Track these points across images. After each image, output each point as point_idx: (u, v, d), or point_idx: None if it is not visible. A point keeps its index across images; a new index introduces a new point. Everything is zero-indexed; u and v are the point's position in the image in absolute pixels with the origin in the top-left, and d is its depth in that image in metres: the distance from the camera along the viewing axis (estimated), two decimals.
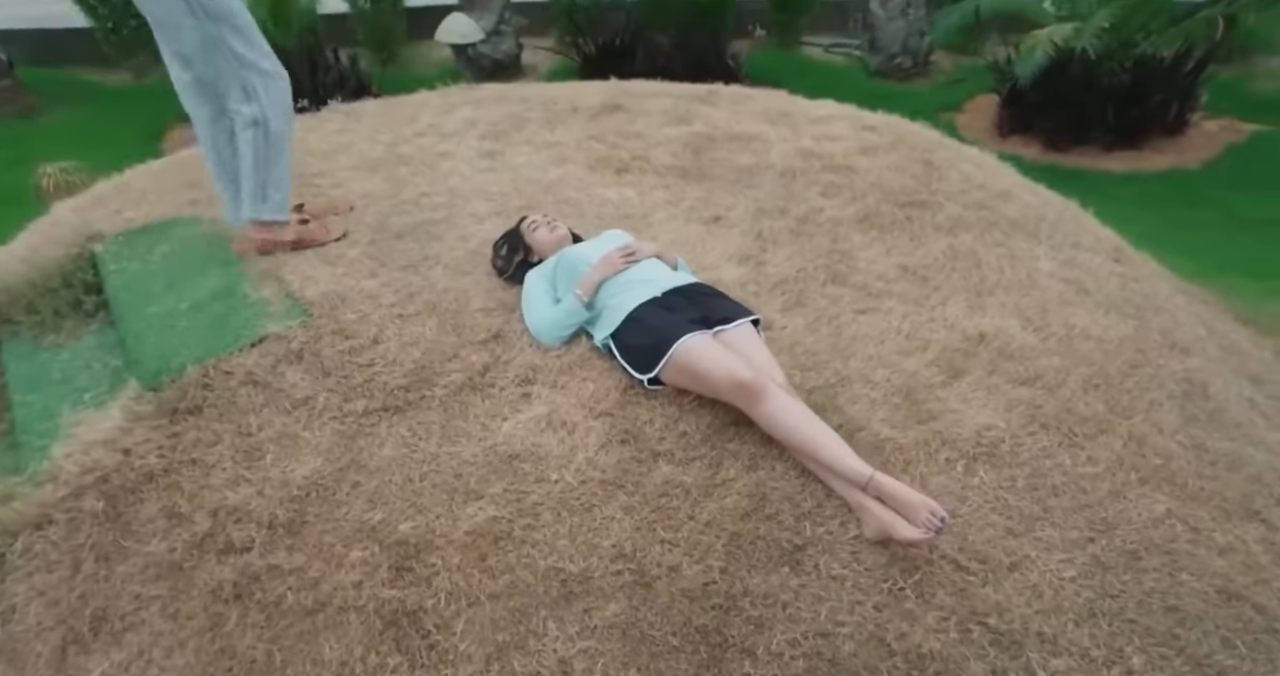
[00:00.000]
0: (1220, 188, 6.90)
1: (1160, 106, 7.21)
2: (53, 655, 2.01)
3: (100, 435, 2.32)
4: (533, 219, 2.84)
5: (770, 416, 2.18)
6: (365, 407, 2.36)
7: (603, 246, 2.64)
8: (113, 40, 8.15)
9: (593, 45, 7.72)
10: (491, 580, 2.02)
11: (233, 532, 2.12)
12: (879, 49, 8.25)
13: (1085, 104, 7.00)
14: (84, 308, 2.91)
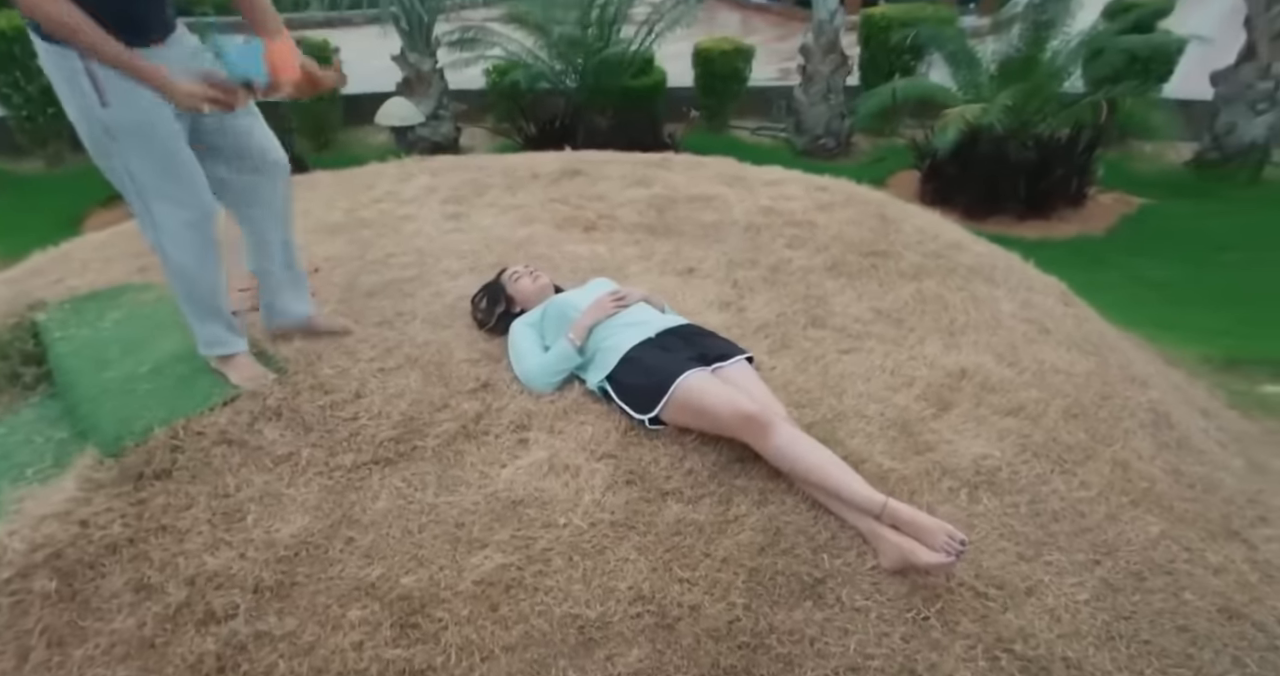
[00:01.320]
0: (1122, 252, 7.40)
1: (1062, 180, 7.74)
2: None
3: (51, 508, 2.10)
4: (514, 269, 2.81)
5: (778, 448, 2.14)
6: (354, 461, 2.23)
7: (590, 294, 2.62)
8: (27, 128, 7.92)
9: (534, 126, 7.91)
10: (505, 631, 1.89)
11: (213, 600, 1.93)
12: (804, 131, 8.68)
13: (997, 178, 7.46)
14: (22, 380, 2.70)
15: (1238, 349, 5.20)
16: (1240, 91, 8.62)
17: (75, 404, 2.45)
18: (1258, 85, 8.57)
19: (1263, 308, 6.43)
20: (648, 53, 8.47)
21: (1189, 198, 8.46)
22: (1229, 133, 8.79)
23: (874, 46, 9.23)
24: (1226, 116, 8.75)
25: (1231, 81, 8.70)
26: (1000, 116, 6.78)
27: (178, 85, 2.00)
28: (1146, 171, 8.98)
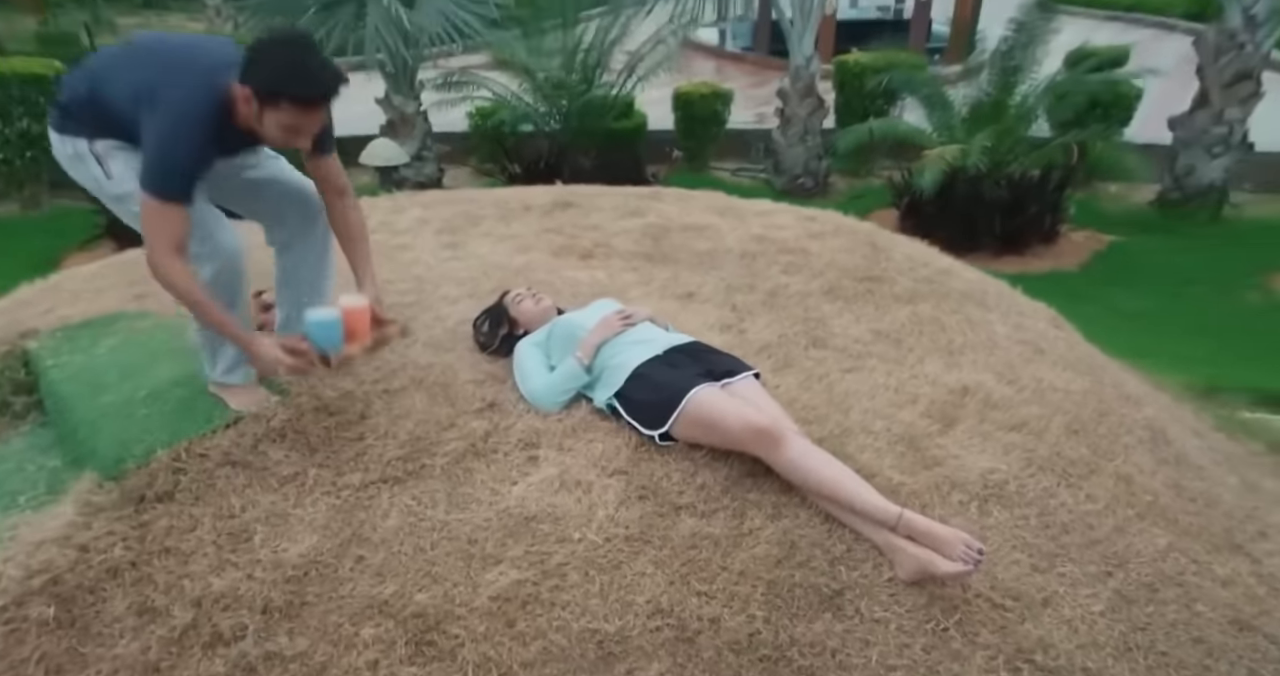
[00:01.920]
0: (1097, 286, 7.57)
1: (1036, 218, 7.94)
2: None
3: (49, 533, 2.04)
4: (517, 292, 2.81)
5: (791, 461, 2.14)
6: (361, 480, 2.19)
7: (595, 313, 2.62)
8: (3, 171, 7.87)
9: (518, 166, 8.00)
10: (523, 647, 1.84)
11: (220, 621, 1.87)
12: (783, 171, 8.85)
13: (974, 215, 7.63)
14: (12, 408, 2.65)
15: (1217, 377, 5.30)
16: (1197, 136, 8.93)
17: (72, 428, 2.39)
18: (1212, 130, 8.88)
19: (1235, 338, 6.60)
20: (629, 96, 8.64)
21: (1155, 235, 8.71)
22: (1189, 174, 9.08)
23: (848, 91, 9.48)
24: (1185, 159, 9.05)
25: (1188, 126, 9.02)
26: (979, 157, 6.97)
27: (263, 353, 2.17)
28: (1113, 211, 9.24)
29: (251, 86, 2.05)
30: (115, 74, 2.16)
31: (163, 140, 2.04)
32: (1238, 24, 8.56)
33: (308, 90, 2.06)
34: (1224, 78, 8.65)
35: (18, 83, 7.44)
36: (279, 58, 2.07)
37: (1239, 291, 7.41)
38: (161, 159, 2.04)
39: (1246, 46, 8.56)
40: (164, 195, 2.04)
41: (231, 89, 2.08)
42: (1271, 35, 8.59)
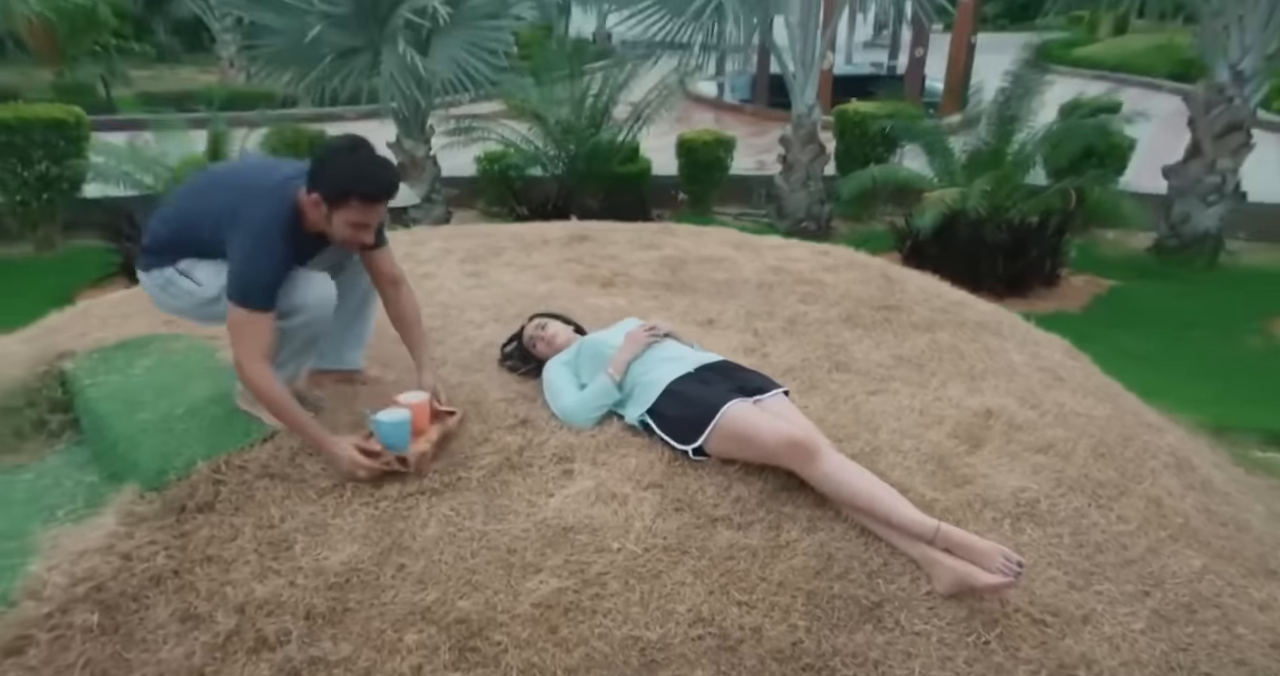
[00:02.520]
0: (1101, 327, 7.64)
1: (1037, 261, 8.06)
2: None
3: (92, 543, 2.06)
4: (530, 336, 2.82)
5: (826, 474, 2.16)
6: (399, 492, 2.21)
7: (621, 332, 2.67)
8: (20, 212, 7.97)
9: (526, 208, 8.13)
10: (566, 654, 1.84)
11: (264, 627, 1.87)
12: (786, 215, 8.98)
13: (977, 258, 7.74)
14: (49, 427, 2.68)
15: (1226, 417, 5.34)
16: (1191, 184, 9.10)
17: (111, 444, 2.41)
18: (1206, 179, 9.06)
19: (1240, 380, 6.64)
20: (634, 142, 8.83)
21: (1154, 280, 8.83)
22: (1184, 222, 9.23)
23: (849, 138, 9.69)
24: (1180, 207, 9.21)
25: (1182, 175, 9.20)
26: (979, 200, 7.11)
27: (342, 455, 2.24)
28: (1112, 256, 9.39)
29: (320, 191, 2.22)
30: (195, 204, 2.35)
31: (247, 255, 2.20)
32: (1226, 79, 8.80)
33: (373, 188, 2.25)
34: (1215, 129, 8.86)
35: (40, 127, 7.57)
36: (343, 162, 2.25)
37: (1241, 336, 7.48)
38: (247, 272, 2.19)
39: (1235, 100, 8.79)
40: (250, 305, 2.17)
41: (300, 198, 2.26)
42: (1259, 90, 8.84)
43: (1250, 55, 8.55)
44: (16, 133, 7.49)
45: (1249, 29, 8.27)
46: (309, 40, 7.07)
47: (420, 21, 7.18)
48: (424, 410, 2.36)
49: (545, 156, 8.19)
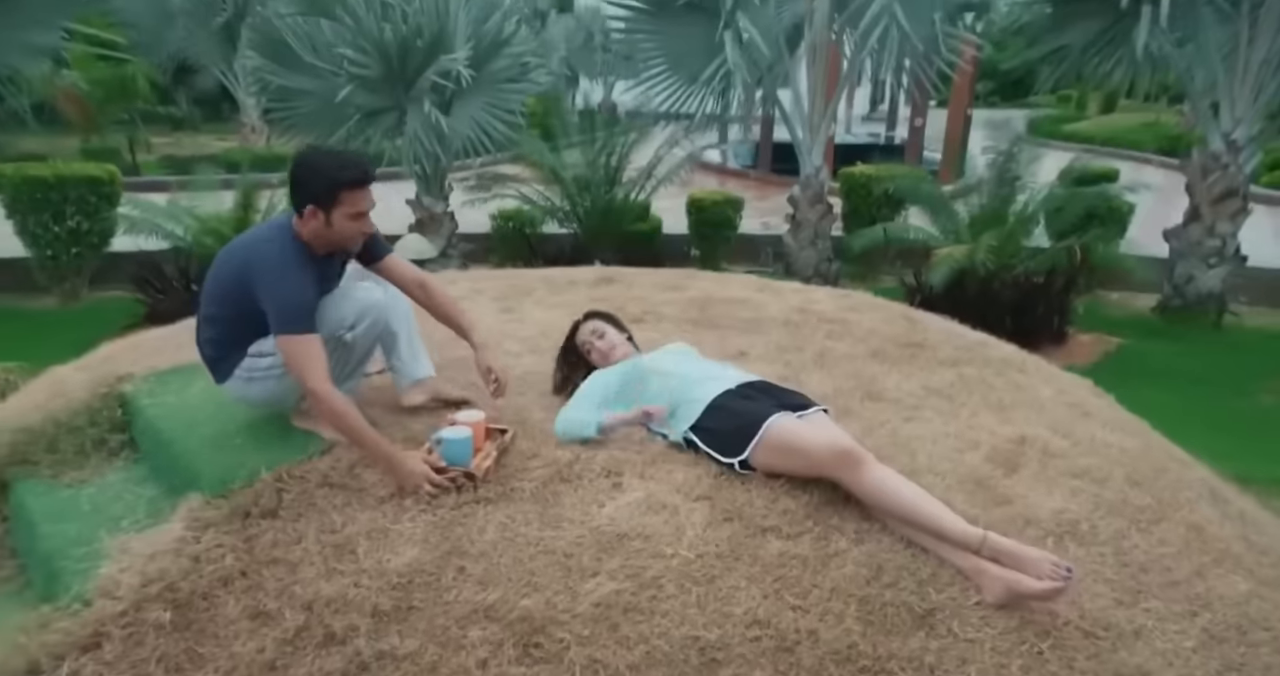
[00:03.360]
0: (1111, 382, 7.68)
1: (1045, 318, 8.19)
2: None
3: (161, 546, 2.12)
4: (584, 341, 2.92)
5: (873, 482, 2.22)
6: (456, 501, 2.26)
7: (668, 358, 2.75)
8: (49, 266, 8.14)
9: (541, 262, 8.33)
10: (627, 651, 1.87)
11: (332, 623, 1.91)
12: (794, 273, 9.16)
13: (986, 314, 7.86)
14: (108, 445, 2.76)
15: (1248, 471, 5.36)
16: (1192, 247, 9.30)
17: (174, 457, 2.48)
18: (1206, 242, 9.26)
19: (1256, 436, 6.68)
20: (646, 201, 9.12)
21: (1161, 340, 8.94)
22: (1188, 282, 9.40)
23: (855, 199, 9.97)
24: (1183, 269, 9.38)
25: (1182, 238, 9.41)
26: (987, 255, 7.28)
27: (413, 469, 2.30)
28: (1118, 315, 9.53)
29: (310, 201, 2.36)
30: (214, 288, 2.49)
31: (276, 291, 2.32)
32: (1220, 148, 9.08)
33: (355, 172, 2.38)
34: (1212, 194, 9.11)
35: (75, 183, 7.81)
36: (316, 165, 2.40)
37: (1252, 394, 7.54)
38: (281, 305, 2.31)
39: (1230, 167, 9.06)
40: (296, 330, 2.29)
41: (296, 227, 2.41)
42: (1252, 159, 9.13)
43: (1242, 126, 8.86)
44: (53, 189, 7.72)
45: (1239, 102, 8.59)
46: (339, 100, 7.36)
47: (445, 83, 7.49)
48: (481, 428, 2.44)
49: (561, 212, 8.44)
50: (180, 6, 13.50)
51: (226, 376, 2.52)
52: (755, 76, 8.64)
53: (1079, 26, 8.87)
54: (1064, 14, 8.87)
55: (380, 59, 7.43)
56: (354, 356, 2.49)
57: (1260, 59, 8.34)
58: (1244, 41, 8.26)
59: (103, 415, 2.82)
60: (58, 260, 8.08)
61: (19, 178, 7.68)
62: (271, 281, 2.32)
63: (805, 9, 8.62)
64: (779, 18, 8.68)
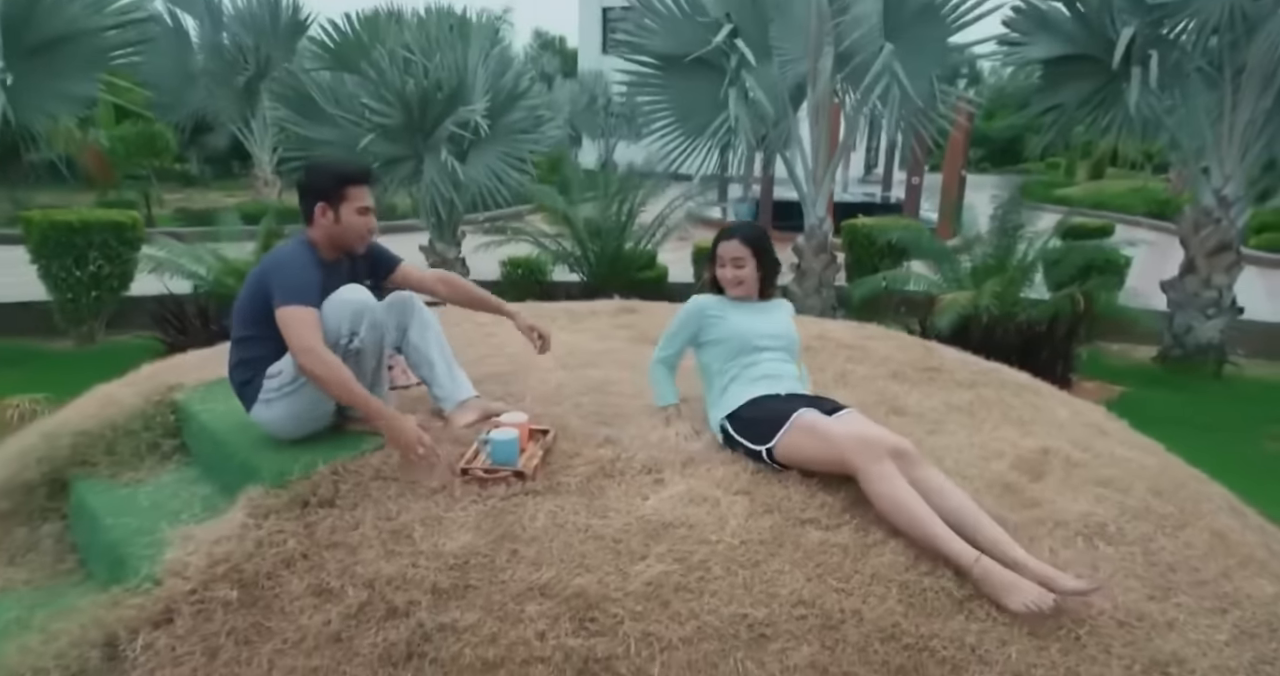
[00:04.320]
0: None
1: (1049, 364, 8.30)
2: None
3: (225, 531, 2.20)
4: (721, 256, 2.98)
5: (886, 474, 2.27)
6: (505, 493, 2.34)
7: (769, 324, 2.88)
8: (69, 309, 8.28)
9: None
10: (679, 626, 1.94)
11: (393, 599, 1.98)
12: None
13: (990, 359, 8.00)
14: (161, 449, 2.87)
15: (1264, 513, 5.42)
16: (1189, 298, 9.48)
17: (230, 456, 2.57)
18: (1203, 293, 9.44)
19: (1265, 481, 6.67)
20: (652, 251, 9.35)
21: (1163, 388, 9.05)
22: (1187, 332, 9.54)
23: (858, 249, 10.21)
24: (1181, 319, 9.54)
25: (1179, 289, 9.59)
26: (991, 300, 7.45)
27: (407, 428, 2.40)
28: (1119, 365, 9.66)
29: (320, 199, 2.56)
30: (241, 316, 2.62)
31: (281, 270, 2.48)
32: (1211, 203, 9.34)
33: (357, 171, 2.65)
34: (1206, 247, 9.33)
35: (99, 229, 8.00)
36: (321, 169, 2.67)
37: (1258, 441, 7.60)
38: (284, 279, 2.46)
39: (1222, 221, 9.31)
40: (297, 301, 2.42)
41: (308, 235, 2.60)
42: (1244, 213, 9.39)
43: (1232, 182, 9.13)
44: (77, 234, 7.91)
45: (1228, 160, 8.89)
46: (360, 149, 7.61)
47: (463, 133, 7.76)
48: (525, 429, 2.53)
49: (572, 257, 8.65)
50: (203, 67, 13.96)
51: (253, 402, 2.60)
52: (759, 132, 8.94)
53: (1071, 87, 9.21)
54: (1057, 75, 9.22)
55: (401, 109, 7.72)
56: (367, 361, 2.58)
57: (1245, 120, 8.65)
58: (1229, 105, 8.59)
59: (156, 421, 2.92)
60: (77, 303, 8.21)
61: (46, 222, 7.87)
62: (279, 267, 2.49)
63: (808, 69, 8.98)
64: (783, 77, 9.02)
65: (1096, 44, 8.47)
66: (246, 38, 13.79)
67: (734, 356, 2.77)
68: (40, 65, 6.82)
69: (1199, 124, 8.61)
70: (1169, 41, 8.37)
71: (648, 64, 8.97)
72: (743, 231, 2.99)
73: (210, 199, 18.84)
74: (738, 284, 2.93)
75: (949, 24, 8.50)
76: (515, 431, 2.46)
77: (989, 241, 8.74)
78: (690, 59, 8.68)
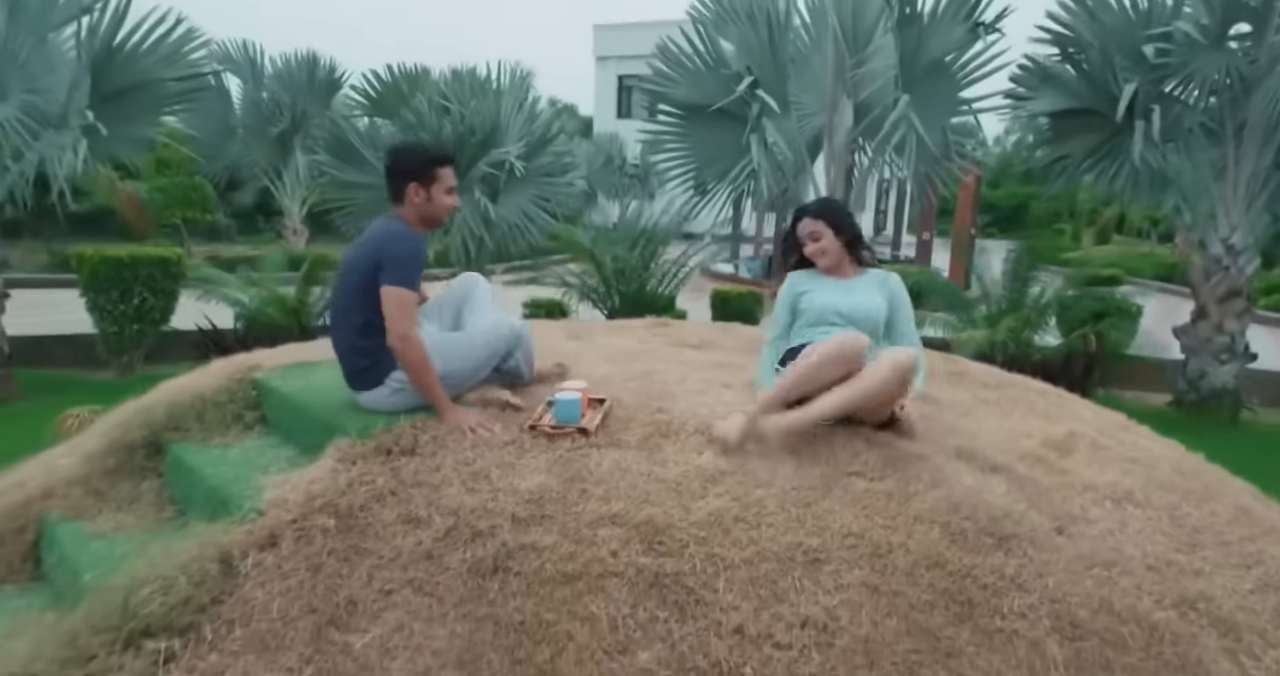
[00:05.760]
0: None
1: None
2: (310, 636, 1.93)
3: (318, 474, 2.40)
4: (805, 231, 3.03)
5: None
6: (570, 446, 2.52)
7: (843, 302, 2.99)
8: (112, 341, 8.57)
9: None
10: (740, 550, 2.10)
11: (477, 524, 2.16)
12: None
13: None
14: (244, 420, 3.10)
15: None
16: (1202, 344, 9.61)
17: (313, 420, 2.78)
18: (1216, 339, 9.58)
19: None
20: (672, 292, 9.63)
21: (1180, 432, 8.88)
22: (1201, 377, 9.64)
23: None
24: (1195, 364, 9.65)
25: (1192, 335, 9.73)
26: (1007, 336, 7.64)
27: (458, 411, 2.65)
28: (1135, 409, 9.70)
29: (413, 179, 2.80)
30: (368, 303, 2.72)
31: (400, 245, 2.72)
32: (1220, 251, 9.56)
33: (442, 152, 2.93)
34: (1217, 294, 9.52)
35: (147, 264, 8.38)
36: (409, 152, 2.93)
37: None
38: (401, 257, 2.69)
39: (1231, 269, 9.52)
40: (406, 283, 2.67)
41: (402, 214, 2.83)
42: (1253, 261, 9.59)
43: (1239, 232, 9.35)
44: (126, 268, 8.29)
45: (1233, 210, 9.13)
46: None
47: (496, 173, 8.14)
48: (585, 396, 2.73)
49: (596, 294, 8.93)
50: (240, 120, 14.59)
51: (372, 385, 2.74)
52: (778, 179, 9.29)
53: (1078, 139, 9.53)
54: (1063, 127, 9.56)
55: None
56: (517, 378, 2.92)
57: (1248, 174, 8.92)
58: (1232, 159, 8.86)
59: (239, 395, 3.15)
60: (120, 334, 8.51)
61: (97, 258, 8.27)
62: (396, 246, 2.70)
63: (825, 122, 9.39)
64: (801, 130, 9.42)
65: (1100, 99, 8.79)
66: (284, 94, 14.45)
67: (810, 326, 2.96)
68: (113, 111, 7.27)
69: (1204, 175, 8.90)
70: (1171, 97, 8.69)
71: (671, 113, 9.41)
72: (812, 207, 3.10)
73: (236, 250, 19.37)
74: (821, 255, 3.01)
75: (959, 80, 8.88)
76: (578, 394, 2.65)
77: (1003, 284, 9.00)
78: (713, 109, 9.11)
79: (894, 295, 3.05)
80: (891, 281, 3.09)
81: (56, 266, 13.36)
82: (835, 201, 3.11)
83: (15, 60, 7.07)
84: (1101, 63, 8.70)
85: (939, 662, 1.91)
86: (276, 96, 14.55)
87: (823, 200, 3.23)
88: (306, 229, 15.69)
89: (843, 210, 3.08)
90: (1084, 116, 9.26)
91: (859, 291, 3.02)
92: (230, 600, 2.04)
